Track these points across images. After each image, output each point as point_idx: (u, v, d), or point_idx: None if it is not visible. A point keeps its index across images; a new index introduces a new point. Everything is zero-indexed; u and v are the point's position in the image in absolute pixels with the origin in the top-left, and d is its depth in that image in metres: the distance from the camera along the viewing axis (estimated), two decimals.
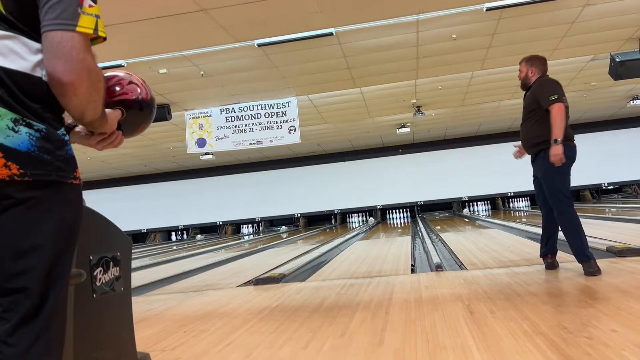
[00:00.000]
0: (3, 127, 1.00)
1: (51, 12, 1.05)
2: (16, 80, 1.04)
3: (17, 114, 1.03)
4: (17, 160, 1.01)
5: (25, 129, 1.04)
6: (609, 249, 4.40)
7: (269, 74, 7.90)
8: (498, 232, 8.41)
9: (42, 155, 1.05)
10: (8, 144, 1.00)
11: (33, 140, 1.04)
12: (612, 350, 1.90)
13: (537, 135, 3.67)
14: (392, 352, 2.16)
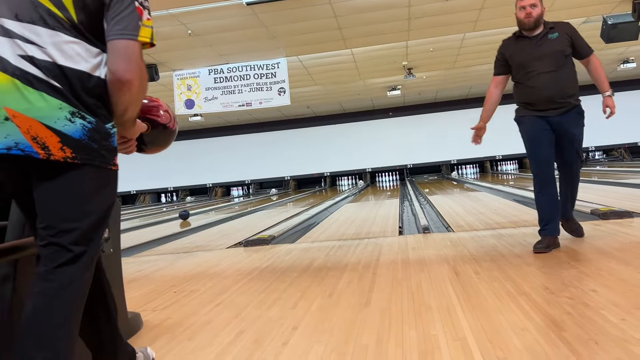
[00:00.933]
0: (62, 117, 1.24)
1: (119, 24, 1.30)
2: (77, 79, 1.26)
3: (75, 108, 1.26)
4: (70, 145, 1.25)
5: (80, 120, 1.27)
6: (593, 211, 4.48)
7: (258, 34, 7.75)
8: (485, 194, 8.51)
9: (90, 143, 1.29)
10: (64, 131, 1.25)
11: (85, 130, 1.27)
12: (591, 310, 1.96)
13: (572, 85, 3.24)
14: (379, 312, 2.21)
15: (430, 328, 1.94)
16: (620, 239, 3.32)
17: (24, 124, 1.23)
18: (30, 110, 1.23)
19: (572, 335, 1.72)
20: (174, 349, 1.98)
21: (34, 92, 1.24)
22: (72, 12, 1.28)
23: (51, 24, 1.27)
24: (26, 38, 1.26)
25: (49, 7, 1.27)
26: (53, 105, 1.25)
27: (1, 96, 1.23)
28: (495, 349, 1.67)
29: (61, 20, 1.28)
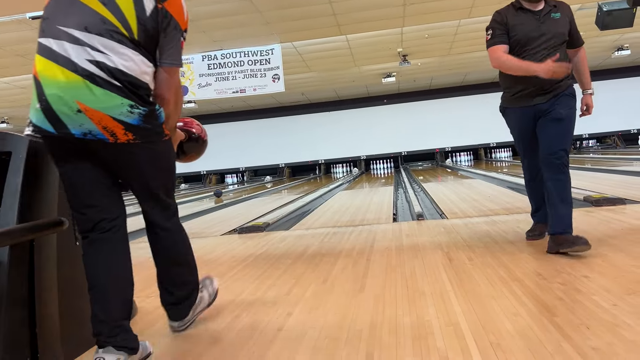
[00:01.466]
0: (124, 110, 1.58)
1: (168, 54, 1.70)
2: (131, 80, 1.59)
3: (132, 102, 1.59)
4: (132, 131, 1.61)
5: (137, 110, 1.61)
6: (586, 198, 4.50)
7: (252, 20, 7.68)
8: (479, 182, 8.54)
9: (145, 126, 1.64)
10: (127, 120, 1.59)
11: (141, 117, 1.62)
12: (583, 295, 1.98)
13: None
14: (373, 298, 2.22)
15: (424, 313, 1.95)
16: (613, 225, 3.35)
17: (95, 116, 1.55)
18: (97, 104, 1.54)
19: (564, 320, 1.74)
20: (169, 335, 1.98)
21: (99, 89, 1.54)
22: (135, 32, 1.61)
23: (116, 38, 1.57)
24: (94, 47, 1.55)
25: (117, 25, 1.58)
26: (116, 101, 1.56)
27: (73, 92, 1.53)
28: (487, 333, 1.69)
29: (125, 36, 1.59)
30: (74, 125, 1.55)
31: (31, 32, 7.52)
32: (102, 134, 1.57)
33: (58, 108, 1.54)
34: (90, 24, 1.56)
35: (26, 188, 1.65)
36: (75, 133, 1.56)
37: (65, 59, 1.54)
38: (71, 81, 1.53)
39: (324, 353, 1.66)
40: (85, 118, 1.54)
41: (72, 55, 1.54)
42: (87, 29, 1.56)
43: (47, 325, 1.67)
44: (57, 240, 1.76)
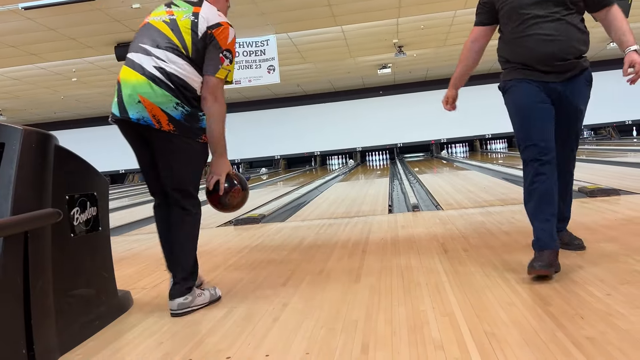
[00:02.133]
0: (171, 106, 2.04)
1: (209, 66, 2.13)
2: (182, 84, 2.07)
3: (179, 100, 2.06)
4: (173, 123, 2.06)
5: (181, 108, 2.07)
6: (580, 189, 4.52)
7: (247, 10, 7.64)
8: (475, 173, 8.56)
9: (186, 123, 2.09)
10: (172, 114, 2.05)
11: (183, 115, 2.08)
12: (577, 285, 1.99)
13: (583, 39, 2.34)
14: (368, 288, 2.23)
15: (419, 304, 1.96)
16: (607, 216, 3.37)
17: (148, 107, 2.04)
18: (153, 97, 2.04)
19: (558, 309, 1.75)
20: (164, 326, 1.99)
21: (158, 88, 2.05)
22: (190, 50, 2.12)
23: (176, 53, 2.10)
24: (159, 57, 2.09)
25: (178, 45, 2.12)
26: (167, 97, 2.05)
27: (139, 88, 2.06)
28: (482, 323, 1.70)
29: (182, 53, 2.11)
30: (132, 112, 2.07)
31: (24, 22, 7.45)
32: (151, 120, 2.05)
33: (127, 100, 2.08)
34: (159, 42, 2.12)
35: (20, 179, 1.64)
36: (132, 117, 2.07)
37: (138, 65, 2.10)
38: (139, 81, 2.07)
39: (319, 343, 1.67)
40: (142, 107, 2.05)
41: (143, 63, 2.09)
42: (157, 45, 2.12)
43: (42, 317, 1.67)
44: (52, 231, 1.76)
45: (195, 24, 2.14)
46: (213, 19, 2.18)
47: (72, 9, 7.05)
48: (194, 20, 2.15)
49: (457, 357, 1.47)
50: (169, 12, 2.22)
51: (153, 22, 2.22)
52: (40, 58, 9.46)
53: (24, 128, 1.70)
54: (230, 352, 1.67)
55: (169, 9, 2.24)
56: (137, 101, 2.05)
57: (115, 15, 7.50)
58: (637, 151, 10.08)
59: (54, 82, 11.81)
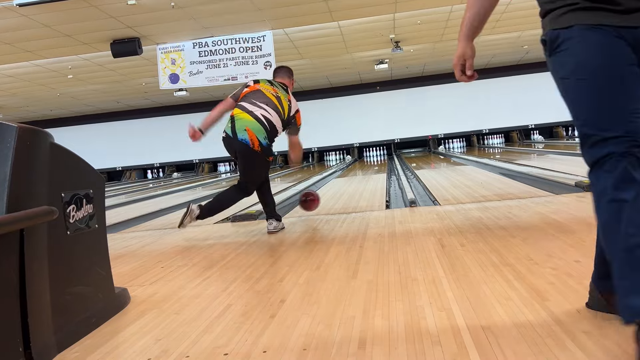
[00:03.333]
0: (262, 139, 3.60)
1: (292, 130, 3.97)
2: (272, 129, 3.67)
3: (266, 135, 3.64)
4: (261, 147, 3.60)
5: (266, 140, 3.63)
6: (577, 183, 4.53)
7: (244, 6, 7.61)
8: (472, 168, 8.56)
9: (267, 148, 3.67)
10: (261, 141, 3.60)
11: (266, 144, 3.64)
12: (574, 280, 2.00)
13: None
14: (366, 284, 2.23)
15: (416, 299, 1.96)
16: None
17: (250, 135, 3.55)
18: (254, 131, 3.57)
19: (555, 304, 1.76)
20: (161, 323, 1.98)
21: (258, 125, 3.59)
22: (285, 115, 3.77)
23: (277, 112, 3.69)
24: (267, 110, 3.64)
25: (280, 110, 3.72)
26: (262, 132, 3.59)
27: (251, 125, 3.59)
28: (479, 318, 1.70)
29: (281, 114, 3.72)
30: (240, 136, 3.58)
31: (18, 19, 7.42)
32: (249, 142, 3.56)
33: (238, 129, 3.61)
34: (269, 104, 3.69)
35: (15, 177, 1.63)
36: (239, 138, 3.57)
37: (251, 113, 3.63)
38: (249, 120, 3.61)
39: (317, 339, 1.67)
40: (246, 133, 3.56)
41: (255, 112, 3.63)
42: (268, 105, 3.68)
43: (39, 315, 1.66)
44: (47, 229, 1.75)
45: (290, 107, 3.81)
46: (295, 107, 3.85)
47: (67, 5, 7.02)
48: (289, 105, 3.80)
49: (454, 352, 1.47)
50: (274, 90, 3.80)
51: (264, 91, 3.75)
52: (35, 55, 9.42)
53: (19, 126, 1.69)
54: (227, 348, 1.67)
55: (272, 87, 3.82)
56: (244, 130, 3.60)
57: (110, 11, 7.47)
58: None
59: (49, 80, 11.77)
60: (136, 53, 8.76)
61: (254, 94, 3.71)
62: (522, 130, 16.71)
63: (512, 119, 16.38)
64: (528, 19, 10.09)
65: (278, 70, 4.09)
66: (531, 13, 9.70)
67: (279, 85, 3.85)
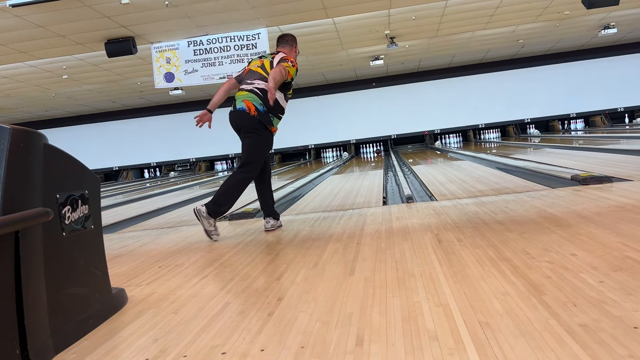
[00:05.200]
0: (257, 105, 3.70)
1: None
2: (264, 93, 3.68)
3: (262, 101, 3.70)
4: (257, 113, 3.70)
5: (262, 107, 3.70)
6: (573, 177, 4.54)
7: (238, 4, 7.59)
8: (468, 163, 8.57)
9: (263, 114, 3.71)
10: (259, 108, 3.71)
11: (262, 110, 3.71)
12: (570, 273, 2.00)
13: None
14: (363, 280, 2.23)
15: (414, 295, 1.96)
16: (600, 203, 3.38)
17: (247, 104, 3.71)
18: (250, 100, 3.71)
19: (552, 298, 1.76)
20: (159, 323, 1.98)
21: (253, 96, 3.72)
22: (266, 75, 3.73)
23: (264, 79, 3.73)
24: (257, 83, 3.76)
25: (266, 75, 3.74)
26: (257, 100, 3.70)
27: (245, 96, 3.74)
28: (477, 313, 1.70)
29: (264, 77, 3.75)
30: (238, 106, 3.74)
31: (11, 20, 7.38)
32: (246, 108, 3.70)
33: (238, 102, 3.76)
34: (256, 77, 3.79)
35: (9, 179, 1.63)
36: (237, 107, 3.74)
37: (245, 89, 3.78)
38: (244, 93, 3.76)
39: (314, 337, 1.67)
40: (243, 103, 3.72)
41: (248, 87, 3.77)
42: (255, 78, 3.79)
43: (35, 317, 1.66)
44: (43, 231, 1.74)
45: (272, 64, 3.79)
46: (277, 59, 3.81)
47: (61, 5, 6.98)
48: (272, 62, 3.82)
49: (451, 348, 1.47)
50: (261, 61, 3.89)
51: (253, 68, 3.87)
52: (29, 56, 9.38)
53: (12, 127, 1.68)
54: (225, 347, 1.67)
55: (260, 59, 3.92)
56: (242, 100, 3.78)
57: (104, 11, 7.44)
58: (629, 138, 10.12)
59: (44, 80, 11.72)
60: (131, 52, 8.73)
61: (248, 75, 3.86)
62: (518, 124, 16.74)
63: (508, 113, 16.40)
64: (522, 13, 10.09)
65: (279, 40, 4.05)
66: (525, 7, 9.70)
67: (269, 55, 3.94)
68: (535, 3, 9.44)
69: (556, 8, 9.92)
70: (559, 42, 14.10)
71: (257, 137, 3.70)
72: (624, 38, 14.59)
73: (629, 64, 15.69)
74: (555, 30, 12.24)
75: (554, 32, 12.45)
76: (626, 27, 12.87)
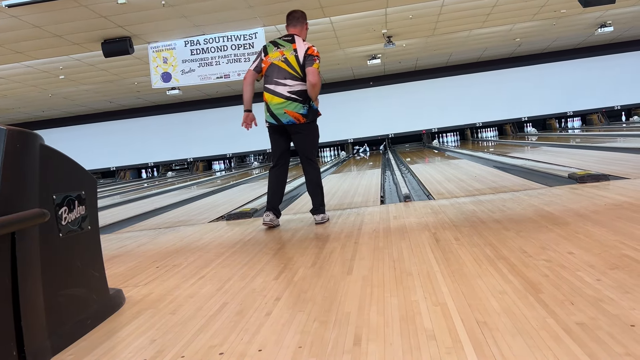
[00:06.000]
0: (300, 110, 3.77)
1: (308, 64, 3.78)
2: (300, 94, 3.77)
3: (302, 104, 3.78)
4: (305, 118, 3.80)
5: (304, 109, 3.79)
6: (570, 175, 4.55)
7: (235, 3, 7.58)
8: (466, 162, 8.58)
9: (308, 113, 3.82)
10: (303, 112, 3.79)
11: (306, 111, 3.80)
12: (568, 271, 2.00)
13: None
14: (361, 279, 2.23)
15: (411, 294, 1.96)
16: (597, 201, 3.39)
17: (292, 114, 3.76)
18: (293, 109, 3.75)
19: (549, 296, 1.76)
20: (157, 323, 1.98)
21: (294, 104, 3.75)
22: (298, 68, 3.77)
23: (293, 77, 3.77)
24: (288, 85, 3.76)
25: (293, 72, 3.77)
26: (298, 106, 3.76)
27: (286, 106, 3.75)
28: (474, 312, 1.70)
29: (297, 72, 3.77)
30: (285, 120, 3.76)
31: (7, 20, 7.36)
32: (294, 120, 3.75)
33: (278, 113, 3.76)
34: (286, 75, 3.75)
35: (5, 180, 1.62)
36: (285, 122, 3.76)
37: (281, 95, 3.75)
38: (281, 101, 3.75)
39: (312, 336, 1.67)
40: (288, 115, 3.75)
41: (283, 92, 3.75)
42: (284, 77, 3.75)
43: (32, 318, 1.65)
44: (39, 232, 1.74)
45: (298, 57, 3.76)
46: (302, 51, 3.78)
47: (57, 5, 6.97)
48: (296, 55, 3.77)
49: (449, 347, 1.47)
50: (281, 52, 3.81)
51: (276, 62, 3.79)
52: (26, 56, 9.36)
53: (8, 128, 1.68)
54: (223, 347, 1.67)
55: (278, 49, 3.83)
56: (284, 112, 3.76)
57: (101, 11, 7.43)
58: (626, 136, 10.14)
59: (41, 80, 11.69)
60: (127, 52, 8.71)
61: (271, 70, 3.80)
62: (515, 122, 16.76)
63: (505, 111, 16.43)
64: (519, 11, 10.10)
65: (290, 18, 3.98)
66: (522, 6, 9.71)
67: (284, 42, 3.84)
68: (531, 2, 9.45)
69: (553, 7, 9.93)
70: (555, 41, 14.12)
71: (313, 131, 3.89)
72: (621, 36, 14.62)
73: (625, 62, 15.72)
74: (552, 28, 12.25)
75: (550, 30, 12.47)
76: (623, 25, 12.90)
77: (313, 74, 3.69)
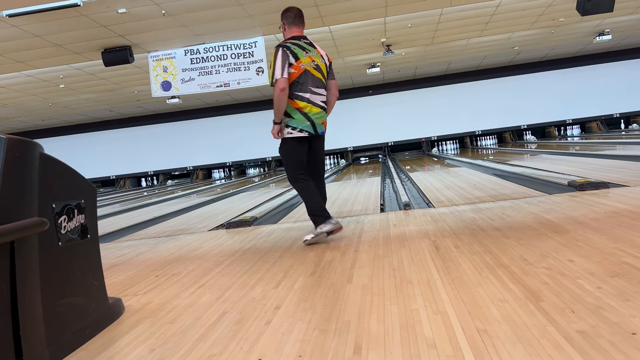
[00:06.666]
0: (326, 118, 3.63)
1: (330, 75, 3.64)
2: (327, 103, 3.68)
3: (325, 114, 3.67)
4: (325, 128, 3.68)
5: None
6: (570, 183, 4.55)
7: (235, 13, 7.62)
8: (465, 170, 8.58)
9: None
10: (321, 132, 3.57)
11: None
12: (568, 279, 2.00)
13: None
14: (361, 288, 2.22)
15: (411, 302, 1.96)
16: (597, 209, 3.39)
17: (325, 125, 3.58)
18: (325, 119, 3.58)
19: (549, 304, 1.76)
20: (156, 333, 1.97)
21: (324, 113, 3.57)
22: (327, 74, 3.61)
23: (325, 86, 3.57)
24: (322, 94, 3.54)
25: (324, 80, 3.55)
26: (325, 115, 3.59)
27: (322, 116, 3.54)
28: (474, 320, 1.70)
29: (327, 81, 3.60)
30: (321, 130, 3.53)
31: (8, 30, 7.39)
32: (325, 130, 3.58)
33: (317, 123, 3.50)
34: (319, 84, 3.51)
35: (5, 189, 1.62)
36: (320, 132, 3.53)
37: (318, 105, 3.51)
38: (319, 112, 3.51)
39: (312, 345, 1.66)
40: (323, 126, 3.56)
41: (319, 102, 3.51)
42: (317, 86, 3.50)
43: (31, 328, 1.65)
44: (39, 240, 1.74)
45: (327, 64, 3.63)
46: (327, 60, 3.66)
47: (57, 15, 7.00)
48: (325, 62, 3.61)
49: (449, 355, 1.47)
50: (311, 59, 3.49)
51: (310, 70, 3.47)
52: (26, 65, 9.39)
53: (8, 137, 1.68)
54: (222, 357, 1.66)
55: (308, 55, 3.49)
56: (321, 122, 3.53)
57: (101, 20, 7.46)
58: (625, 144, 10.16)
59: (41, 90, 11.72)
60: (128, 61, 8.74)
61: (306, 78, 3.43)
62: (514, 130, 16.79)
63: (504, 119, 16.46)
64: (517, 20, 10.15)
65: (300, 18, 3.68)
66: (520, 15, 9.76)
67: (308, 46, 3.52)
68: (530, 10, 9.50)
69: (551, 15, 9.98)
70: (554, 49, 14.18)
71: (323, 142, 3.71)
72: (619, 44, 14.68)
73: (624, 70, 15.78)
74: (551, 37, 12.31)
75: (549, 39, 12.52)
76: (621, 33, 12.96)
77: (336, 88, 3.61)
